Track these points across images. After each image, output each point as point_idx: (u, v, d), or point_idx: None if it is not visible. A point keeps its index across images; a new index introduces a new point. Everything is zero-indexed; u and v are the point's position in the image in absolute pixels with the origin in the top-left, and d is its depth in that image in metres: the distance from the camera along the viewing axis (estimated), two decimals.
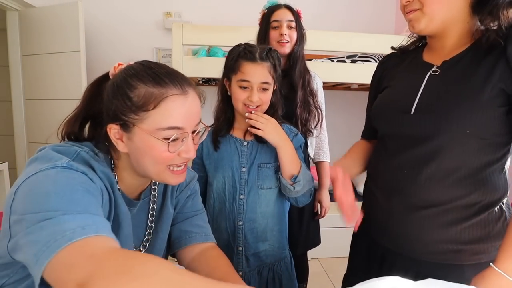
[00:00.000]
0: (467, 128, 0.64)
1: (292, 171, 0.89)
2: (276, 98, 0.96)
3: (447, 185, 0.68)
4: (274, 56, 0.92)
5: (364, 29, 2.83)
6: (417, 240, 0.71)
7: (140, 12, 2.84)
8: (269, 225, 0.96)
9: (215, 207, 0.97)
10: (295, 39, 1.28)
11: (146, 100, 0.57)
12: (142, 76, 0.59)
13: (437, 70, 0.71)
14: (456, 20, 0.67)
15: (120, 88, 0.58)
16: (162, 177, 0.63)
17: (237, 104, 0.91)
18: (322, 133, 1.49)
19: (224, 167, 0.95)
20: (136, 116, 0.57)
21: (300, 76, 1.30)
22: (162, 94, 0.57)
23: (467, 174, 0.67)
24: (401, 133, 0.74)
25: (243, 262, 0.95)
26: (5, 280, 0.54)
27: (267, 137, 0.88)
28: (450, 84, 0.67)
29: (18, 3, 2.45)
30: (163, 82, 0.58)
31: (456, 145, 0.66)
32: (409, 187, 0.71)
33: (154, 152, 0.58)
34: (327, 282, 2.06)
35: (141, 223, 0.71)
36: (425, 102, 0.69)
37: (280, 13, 1.29)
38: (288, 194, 0.92)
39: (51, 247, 0.41)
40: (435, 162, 0.68)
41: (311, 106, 1.30)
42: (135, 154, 0.60)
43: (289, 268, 1.02)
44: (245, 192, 0.94)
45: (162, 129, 0.57)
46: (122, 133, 0.59)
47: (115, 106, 0.58)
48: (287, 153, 0.89)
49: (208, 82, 2.81)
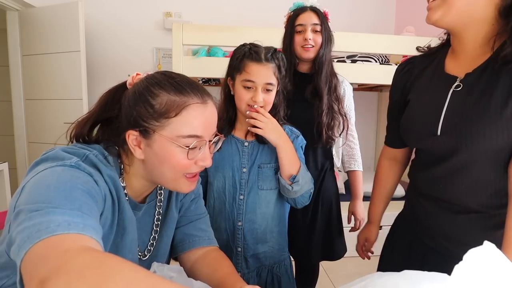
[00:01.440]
0: (491, 146, 0.63)
1: (291, 171, 0.89)
2: (278, 99, 0.95)
3: (488, 195, 0.67)
4: (279, 57, 0.91)
5: (364, 29, 2.83)
6: (461, 241, 0.71)
7: (140, 12, 2.84)
8: (269, 227, 0.96)
9: (215, 207, 0.97)
10: (320, 43, 1.24)
11: (168, 107, 0.58)
12: (164, 85, 0.60)
13: (460, 85, 0.68)
14: (477, 19, 0.63)
15: (142, 96, 0.59)
16: (176, 185, 0.64)
17: (241, 104, 0.90)
18: (352, 140, 1.43)
19: (225, 167, 0.95)
20: (157, 123, 0.58)
21: (326, 81, 1.24)
22: (184, 102, 0.59)
23: (501, 186, 0.66)
24: (431, 150, 0.75)
25: (242, 263, 0.95)
26: (5, 281, 0.54)
27: (267, 136, 0.88)
28: (472, 103, 0.65)
29: (18, 3, 2.46)
30: (184, 91, 0.60)
31: (483, 161, 0.66)
32: (450, 195, 0.72)
33: (173, 159, 0.60)
34: (327, 282, 2.06)
35: (146, 227, 0.71)
36: (449, 123, 0.68)
37: (305, 16, 1.24)
38: (286, 194, 0.91)
39: (31, 237, 0.40)
40: (467, 175, 0.68)
41: (335, 112, 1.24)
42: (152, 161, 0.61)
43: (289, 271, 1.01)
44: (245, 192, 0.93)
45: (182, 137, 0.59)
46: (141, 139, 0.60)
47: (136, 113, 0.59)
48: (287, 153, 0.89)
49: (208, 82, 2.81)
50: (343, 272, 2.16)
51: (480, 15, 0.62)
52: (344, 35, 2.14)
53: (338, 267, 2.23)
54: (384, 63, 2.29)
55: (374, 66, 2.23)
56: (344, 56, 2.33)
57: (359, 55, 2.27)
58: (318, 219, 1.28)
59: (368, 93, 3.10)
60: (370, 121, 3.22)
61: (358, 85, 2.81)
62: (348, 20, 3.02)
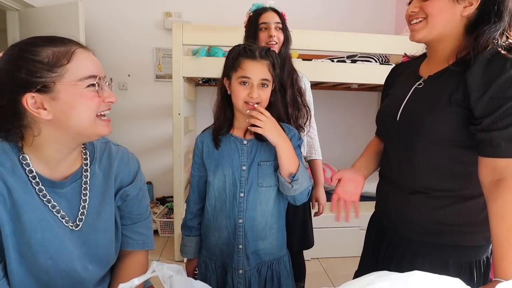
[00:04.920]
0: (434, 136, 0.75)
1: (291, 170, 0.90)
2: (275, 97, 0.98)
3: (431, 178, 0.79)
4: (273, 55, 0.94)
5: (364, 29, 2.83)
6: (408, 220, 0.83)
7: (140, 12, 2.84)
8: (268, 223, 0.97)
9: (216, 206, 0.98)
10: (282, 40, 1.33)
11: (57, 57, 0.61)
12: (39, 43, 0.62)
13: (422, 83, 0.82)
14: (450, 37, 0.77)
15: (22, 58, 0.60)
16: (95, 129, 0.66)
17: (237, 102, 0.92)
18: (312, 131, 1.52)
19: (224, 166, 0.95)
20: (54, 73, 0.60)
21: (289, 75, 1.34)
22: (69, 49, 0.62)
23: (446, 171, 0.77)
24: (390, 135, 0.90)
25: (244, 260, 0.96)
26: None
27: (266, 134, 0.89)
28: (426, 98, 0.79)
29: (18, 3, 2.46)
30: (62, 42, 0.63)
31: (429, 149, 0.78)
32: (401, 178, 0.86)
33: (84, 99, 0.63)
34: (327, 282, 2.06)
35: (74, 201, 0.73)
36: (406, 111, 0.82)
37: (267, 15, 1.34)
38: (286, 192, 0.92)
39: None
40: (416, 160, 0.80)
41: (299, 104, 1.35)
42: (64, 112, 0.62)
43: (287, 267, 1.02)
44: (245, 190, 0.94)
45: (84, 78, 0.62)
46: (43, 98, 0.61)
47: (25, 74, 0.59)
48: (286, 151, 0.90)
49: (208, 82, 2.81)
50: (343, 272, 2.16)
51: (451, 34, 0.76)
52: (344, 35, 2.15)
53: (338, 267, 2.23)
54: (384, 63, 2.29)
55: (374, 66, 2.23)
56: (344, 56, 2.33)
57: (359, 55, 2.27)
58: (298, 211, 1.38)
59: (368, 93, 3.10)
60: (370, 121, 3.22)
61: (358, 85, 2.81)
62: (348, 20, 3.03)
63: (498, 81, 0.65)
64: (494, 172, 0.67)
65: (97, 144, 0.79)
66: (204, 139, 1.01)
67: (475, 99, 0.68)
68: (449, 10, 0.73)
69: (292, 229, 1.33)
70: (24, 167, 0.65)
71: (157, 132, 2.97)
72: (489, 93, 0.66)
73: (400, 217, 0.85)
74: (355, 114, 3.13)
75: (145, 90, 2.90)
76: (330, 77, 2.20)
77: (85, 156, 0.75)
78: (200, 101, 2.98)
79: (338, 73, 2.19)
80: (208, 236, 1.01)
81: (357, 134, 3.06)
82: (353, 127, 3.16)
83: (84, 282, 0.74)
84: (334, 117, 3.13)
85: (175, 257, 2.26)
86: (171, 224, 2.57)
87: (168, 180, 2.47)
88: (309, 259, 2.25)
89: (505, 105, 0.65)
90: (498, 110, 0.66)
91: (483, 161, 0.69)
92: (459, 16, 0.73)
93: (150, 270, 0.59)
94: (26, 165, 0.65)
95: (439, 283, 0.44)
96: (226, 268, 0.98)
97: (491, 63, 0.68)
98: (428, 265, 0.78)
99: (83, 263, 0.73)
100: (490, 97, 0.66)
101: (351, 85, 2.88)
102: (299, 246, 1.42)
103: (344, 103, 3.14)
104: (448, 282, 0.44)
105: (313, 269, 2.18)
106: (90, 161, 0.76)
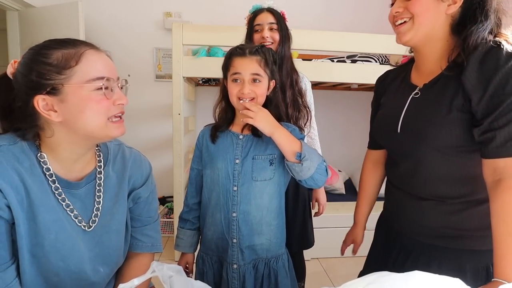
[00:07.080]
0: (440, 145, 0.74)
1: (294, 149, 0.88)
2: (274, 94, 0.98)
3: (443, 186, 0.78)
4: (265, 51, 0.94)
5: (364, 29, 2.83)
6: (421, 225, 0.82)
7: (140, 12, 2.84)
8: (265, 218, 0.96)
9: (211, 199, 0.98)
10: (278, 40, 1.34)
11: (66, 59, 0.60)
12: (50, 46, 0.62)
13: (418, 93, 0.81)
14: (436, 37, 0.76)
15: (34, 61, 0.61)
16: (106, 131, 0.66)
17: (232, 98, 0.93)
18: (313, 132, 1.52)
19: (218, 159, 0.97)
20: (62, 75, 0.60)
21: (288, 75, 1.33)
22: (78, 51, 0.62)
23: (456, 178, 0.76)
24: (393, 148, 0.89)
25: (238, 254, 0.95)
26: None
27: (257, 124, 0.88)
28: (425, 107, 0.77)
29: (18, 3, 2.46)
30: (73, 43, 0.63)
31: (437, 158, 0.76)
32: (411, 186, 0.84)
33: (92, 102, 0.62)
34: (327, 282, 2.06)
35: (89, 202, 0.73)
36: (406, 122, 0.81)
37: (262, 17, 1.36)
38: (301, 176, 0.89)
39: None
40: (426, 171, 0.79)
41: (300, 105, 1.35)
42: (73, 114, 0.62)
43: (286, 266, 1.01)
44: (239, 183, 0.94)
45: (92, 80, 0.61)
46: (52, 100, 0.61)
47: (36, 76, 0.60)
48: (282, 136, 0.89)
49: (208, 82, 2.81)
50: (343, 272, 2.16)
51: (437, 34, 0.75)
52: (344, 35, 2.14)
53: (338, 267, 2.23)
54: (384, 63, 2.29)
55: (374, 66, 2.23)
56: (344, 56, 2.33)
57: (359, 55, 2.27)
58: (297, 211, 1.39)
59: (368, 93, 3.10)
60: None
61: (358, 85, 2.82)
62: (349, 20, 3.03)
63: (495, 79, 0.65)
64: (495, 172, 0.67)
65: (110, 146, 0.79)
66: (205, 133, 1.04)
67: (476, 101, 0.68)
68: (434, 8, 0.72)
69: (291, 228, 1.34)
70: (42, 165, 0.65)
71: (157, 132, 2.97)
72: (488, 93, 0.66)
73: (413, 223, 0.84)
74: (355, 114, 3.13)
75: (145, 90, 2.90)
76: (330, 77, 2.20)
77: (99, 158, 0.75)
78: (200, 101, 2.98)
79: (338, 73, 2.19)
80: (205, 231, 1.01)
81: (357, 134, 3.06)
82: (353, 127, 3.16)
83: (93, 285, 0.74)
84: (334, 117, 3.13)
85: (175, 257, 2.26)
86: (171, 224, 2.57)
87: (168, 180, 2.47)
88: (309, 259, 2.25)
89: (505, 102, 0.65)
90: (498, 108, 0.65)
91: (485, 162, 0.69)
92: (444, 15, 0.73)
93: (150, 270, 0.59)
94: (44, 163, 0.65)
95: (439, 283, 0.44)
96: (223, 263, 0.99)
97: (484, 62, 0.67)
98: (445, 270, 0.75)
99: (94, 265, 0.73)
100: (490, 96, 0.66)
101: (351, 85, 2.88)
102: (299, 245, 1.42)
103: (344, 103, 3.15)
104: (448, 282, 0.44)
105: (313, 269, 2.18)
106: (104, 163, 0.76)
